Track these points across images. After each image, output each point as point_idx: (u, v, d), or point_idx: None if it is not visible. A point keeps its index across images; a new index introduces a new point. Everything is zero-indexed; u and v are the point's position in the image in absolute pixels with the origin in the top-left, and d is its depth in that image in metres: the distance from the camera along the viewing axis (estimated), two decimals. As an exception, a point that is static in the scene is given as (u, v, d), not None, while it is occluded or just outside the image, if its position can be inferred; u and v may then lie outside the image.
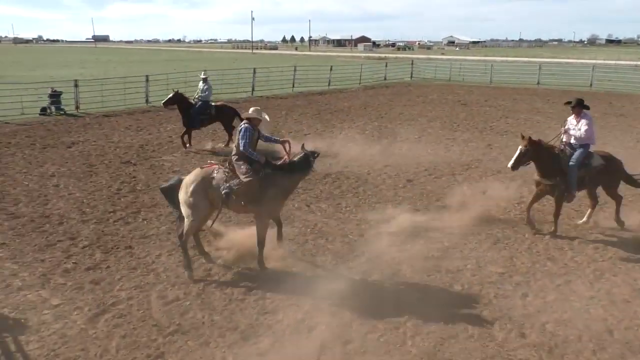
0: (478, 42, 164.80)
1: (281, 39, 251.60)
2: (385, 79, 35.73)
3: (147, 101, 23.06)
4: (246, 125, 7.13)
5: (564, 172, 8.41)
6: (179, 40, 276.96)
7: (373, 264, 7.59)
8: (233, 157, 7.15)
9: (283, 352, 5.54)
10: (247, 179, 6.92)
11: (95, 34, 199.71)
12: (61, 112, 20.19)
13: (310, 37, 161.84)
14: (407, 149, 14.81)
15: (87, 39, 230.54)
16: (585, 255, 7.90)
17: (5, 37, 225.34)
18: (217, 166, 7.26)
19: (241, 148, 7.03)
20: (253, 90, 27.36)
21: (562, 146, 8.67)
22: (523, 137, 8.42)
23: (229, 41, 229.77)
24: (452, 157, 14.04)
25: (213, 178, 7.07)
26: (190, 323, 6.06)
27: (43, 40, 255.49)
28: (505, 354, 5.56)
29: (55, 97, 20.40)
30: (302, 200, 10.48)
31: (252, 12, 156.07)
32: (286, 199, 7.63)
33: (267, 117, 7.15)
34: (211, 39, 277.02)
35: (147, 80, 23.40)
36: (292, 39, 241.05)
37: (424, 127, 18.35)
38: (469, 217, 9.20)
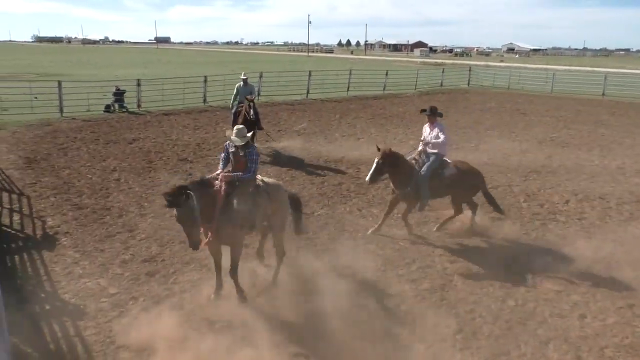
0: (539, 49, 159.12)
1: (337, 42, 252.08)
2: (441, 85, 35.10)
3: (204, 101, 23.68)
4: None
5: (416, 181, 8.31)
6: (236, 43, 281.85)
7: (424, 273, 7.47)
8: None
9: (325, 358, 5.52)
10: None
11: (158, 35, 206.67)
12: (124, 110, 21.08)
13: (366, 41, 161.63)
14: (462, 158, 14.43)
15: (149, 40, 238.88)
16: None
17: (75, 38, 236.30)
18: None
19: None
20: (308, 92, 27.55)
21: (417, 155, 8.60)
22: (379, 150, 8.23)
23: (285, 44, 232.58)
24: (510, 167, 13.60)
25: None
26: (238, 320, 6.10)
27: (109, 41, 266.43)
28: (561, 375, 5.33)
29: (119, 95, 21.33)
30: (353, 204, 10.46)
31: (309, 15, 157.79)
32: None
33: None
34: (268, 42, 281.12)
35: (205, 81, 24.01)
36: (348, 42, 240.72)
37: (481, 136, 17.90)
38: (526, 230, 8.91)
